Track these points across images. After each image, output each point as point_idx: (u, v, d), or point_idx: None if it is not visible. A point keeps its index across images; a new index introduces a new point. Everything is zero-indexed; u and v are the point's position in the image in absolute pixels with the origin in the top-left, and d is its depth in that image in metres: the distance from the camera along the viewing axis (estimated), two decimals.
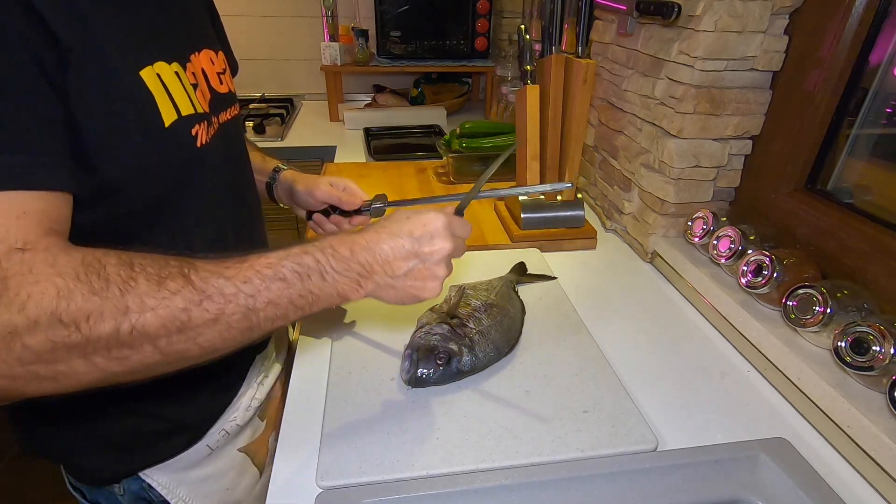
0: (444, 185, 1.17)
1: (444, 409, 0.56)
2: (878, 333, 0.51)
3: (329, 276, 0.42)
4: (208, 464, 0.61)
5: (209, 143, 0.52)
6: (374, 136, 1.59)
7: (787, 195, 0.76)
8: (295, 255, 0.41)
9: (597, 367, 0.62)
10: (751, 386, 0.63)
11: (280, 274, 0.40)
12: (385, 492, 0.46)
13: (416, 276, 0.45)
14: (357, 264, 0.43)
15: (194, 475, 0.60)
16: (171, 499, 0.58)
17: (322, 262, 0.42)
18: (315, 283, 0.41)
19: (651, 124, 0.84)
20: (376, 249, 0.44)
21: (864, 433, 0.50)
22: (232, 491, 0.65)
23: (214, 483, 0.63)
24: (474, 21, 1.77)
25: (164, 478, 0.58)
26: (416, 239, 0.45)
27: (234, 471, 0.65)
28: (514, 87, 1.56)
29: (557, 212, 0.93)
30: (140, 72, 0.42)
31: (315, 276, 0.41)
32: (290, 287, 0.40)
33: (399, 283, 0.45)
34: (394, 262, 0.44)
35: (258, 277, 0.39)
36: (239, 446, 0.65)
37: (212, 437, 0.60)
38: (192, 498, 0.60)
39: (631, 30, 0.86)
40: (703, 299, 0.75)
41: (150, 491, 0.57)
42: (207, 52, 0.56)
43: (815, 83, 0.70)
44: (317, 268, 0.41)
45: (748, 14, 0.69)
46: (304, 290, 0.41)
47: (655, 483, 0.50)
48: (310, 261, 0.41)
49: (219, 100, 0.56)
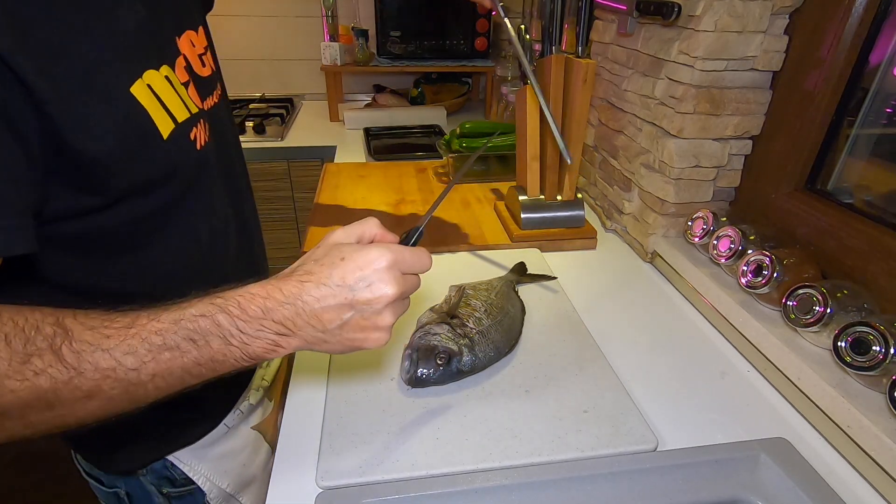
0: (444, 185, 1.17)
1: (444, 409, 0.56)
2: (878, 333, 0.51)
3: (235, 340, 0.36)
4: (225, 442, 0.64)
5: (209, 140, 0.52)
6: (374, 136, 1.59)
7: (787, 195, 0.76)
8: (190, 319, 0.35)
9: (597, 367, 0.62)
10: (751, 386, 0.63)
11: (171, 342, 0.35)
12: (385, 492, 0.46)
13: (354, 329, 0.39)
14: (274, 323, 0.37)
15: (214, 453, 0.63)
16: (193, 476, 0.60)
17: (224, 326, 0.36)
18: (217, 348, 0.36)
19: (651, 124, 0.84)
20: (299, 304, 0.37)
21: (864, 433, 0.50)
22: (248, 467, 0.68)
23: (232, 460, 0.65)
24: (474, 21, 1.77)
25: (186, 456, 0.60)
26: (348, 287, 0.38)
27: (249, 448, 0.68)
28: (514, 87, 1.56)
29: (557, 212, 0.93)
30: (131, 88, 0.41)
31: (216, 342, 0.36)
32: (185, 356, 0.35)
33: (333, 338, 0.39)
34: (322, 315, 0.38)
35: (144, 347, 0.34)
36: (252, 425, 0.69)
37: (229, 417, 0.63)
38: (212, 474, 0.62)
39: (631, 30, 0.86)
40: (703, 299, 0.75)
41: (173, 469, 0.59)
42: (188, 35, 0.53)
43: (815, 83, 0.70)
44: (217, 332, 0.36)
45: (748, 14, 0.69)
46: (201, 357, 0.36)
47: (655, 483, 0.50)
48: (208, 325, 0.36)
49: (203, 86, 0.54)
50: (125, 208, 0.44)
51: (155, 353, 0.35)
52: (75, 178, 0.39)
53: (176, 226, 0.50)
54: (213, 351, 0.36)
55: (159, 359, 0.35)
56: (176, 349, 0.35)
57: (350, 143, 1.58)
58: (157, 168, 0.45)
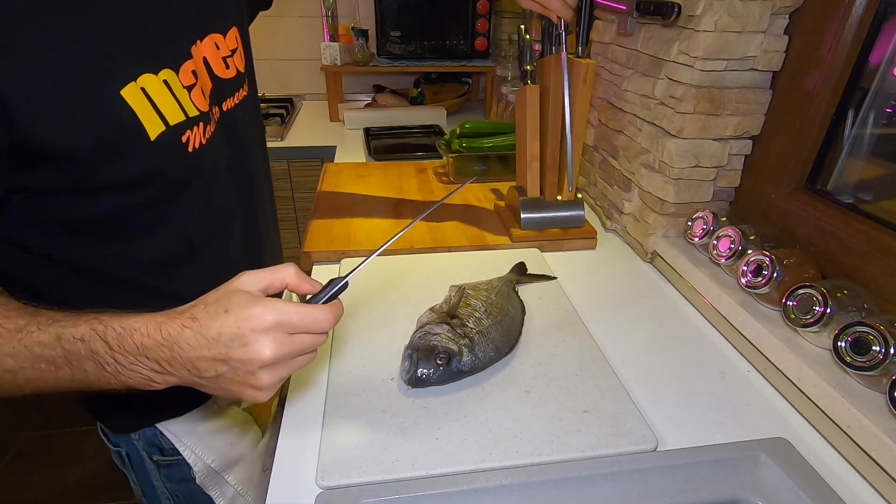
0: (444, 185, 1.17)
1: (444, 409, 0.56)
2: (878, 333, 0.51)
3: (110, 368, 0.37)
4: (215, 419, 0.66)
5: (209, 143, 0.53)
6: (374, 136, 1.59)
7: (787, 195, 0.76)
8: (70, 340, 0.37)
9: (597, 367, 0.62)
10: (751, 386, 0.63)
11: (48, 356, 0.36)
12: (385, 492, 0.46)
13: (230, 382, 0.38)
14: (148, 360, 0.37)
15: (202, 428, 0.65)
16: (180, 448, 0.63)
17: (100, 353, 0.37)
18: (91, 372, 0.37)
19: (651, 124, 0.84)
20: (175, 349, 0.37)
21: (864, 433, 0.50)
22: (235, 446, 0.69)
23: (220, 437, 0.67)
24: (474, 21, 1.77)
25: (175, 428, 0.62)
26: (223, 343, 0.37)
27: (237, 428, 0.69)
28: (514, 87, 1.56)
29: (557, 212, 0.93)
30: (122, 91, 0.43)
31: (90, 366, 0.37)
32: (58, 371, 0.37)
33: (211, 384, 0.39)
34: (198, 363, 0.37)
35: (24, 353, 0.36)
36: (243, 406, 0.71)
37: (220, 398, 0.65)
38: (198, 448, 0.65)
39: (631, 30, 0.86)
40: (703, 299, 0.75)
41: (162, 438, 0.63)
42: (213, 38, 0.55)
43: (815, 83, 0.70)
44: (92, 358, 0.37)
45: (748, 14, 0.69)
46: (74, 376, 0.37)
47: (655, 483, 0.50)
48: (83, 350, 0.37)
49: (223, 87, 0.56)
50: (108, 200, 0.46)
51: (33, 362, 0.36)
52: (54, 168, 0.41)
53: (162, 224, 0.52)
54: (86, 374, 0.37)
55: (36, 367, 0.36)
56: (52, 364, 0.36)
57: (350, 143, 1.58)
58: (141, 167, 0.46)
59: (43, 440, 1.72)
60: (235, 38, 0.59)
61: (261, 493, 0.75)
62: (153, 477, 0.66)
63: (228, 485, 0.70)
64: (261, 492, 0.75)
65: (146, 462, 0.65)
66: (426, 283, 0.78)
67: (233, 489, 0.70)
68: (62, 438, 1.73)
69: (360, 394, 0.58)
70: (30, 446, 1.70)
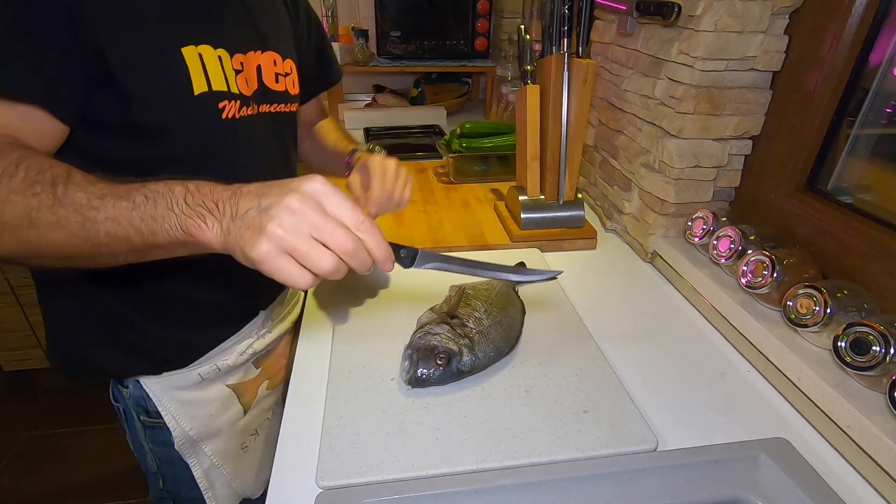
0: (444, 185, 1.17)
1: (444, 409, 0.56)
2: (878, 333, 0.51)
3: (177, 208, 0.40)
4: (197, 390, 0.70)
5: (241, 120, 0.60)
6: (374, 136, 1.59)
7: (787, 195, 0.76)
8: (154, 182, 0.41)
9: (597, 367, 0.62)
10: (751, 386, 0.63)
11: (131, 196, 0.40)
12: (385, 492, 0.46)
13: (248, 224, 0.39)
14: (211, 202, 0.40)
15: (183, 396, 0.68)
16: (161, 411, 0.67)
17: (175, 193, 0.40)
18: (160, 211, 0.40)
19: (651, 124, 0.84)
20: (237, 191, 0.40)
21: (864, 433, 0.50)
22: (214, 419, 0.72)
23: (200, 408, 0.70)
24: (474, 21, 1.77)
25: (158, 390, 0.67)
26: (269, 186, 0.40)
27: (218, 402, 0.72)
28: (514, 87, 1.56)
29: (557, 212, 0.93)
30: (182, 48, 0.52)
31: (162, 204, 0.40)
32: (136, 209, 0.40)
33: (234, 227, 0.40)
34: (240, 201, 0.40)
35: (112, 196, 0.41)
36: (228, 382, 0.73)
37: (203, 368, 0.68)
38: (178, 414, 0.68)
39: (631, 30, 0.86)
40: (703, 299, 0.75)
41: (147, 400, 0.67)
42: (272, 55, 0.65)
43: (815, 83, 0.70)
44: (167, 196, 0.40)
45: (748, 14, 0.69)
46: (146, 214, 0.40)
47: (655, 483, 0.50)
48: (163, 189, 0.41)
49: (266, 93, 0.65)
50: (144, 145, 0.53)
51: (115, 200, 0.40)
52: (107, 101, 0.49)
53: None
54: (156, 211, 0.40)
55: (118, 205, 0.40)
56: (131, 201, 0.40)
57: None
58: (178, 117, 0.54)
59: (43, 440, 1.72)
60: (291, 67, 0.70)
61: (238, 470, 0.77)
62: (141, 437, 0.71)
63: (205, 455, 0.72)
64: (238, 468, 0.77)
65: (135, 421, 0.70)
66: (426, 283, 0.78)
67: (209, 460, 0.73)
68: (62, 438, 1.73)
69: (360, 394, 0.58)
70: (30, 446, 1.70)
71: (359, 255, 0.40)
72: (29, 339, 1.80)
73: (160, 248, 0.42)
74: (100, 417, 1.75)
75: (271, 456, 0.82)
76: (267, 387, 0.79)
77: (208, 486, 0.74)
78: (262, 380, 0.78)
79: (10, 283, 1.70)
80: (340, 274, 0.40)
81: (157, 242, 0.41)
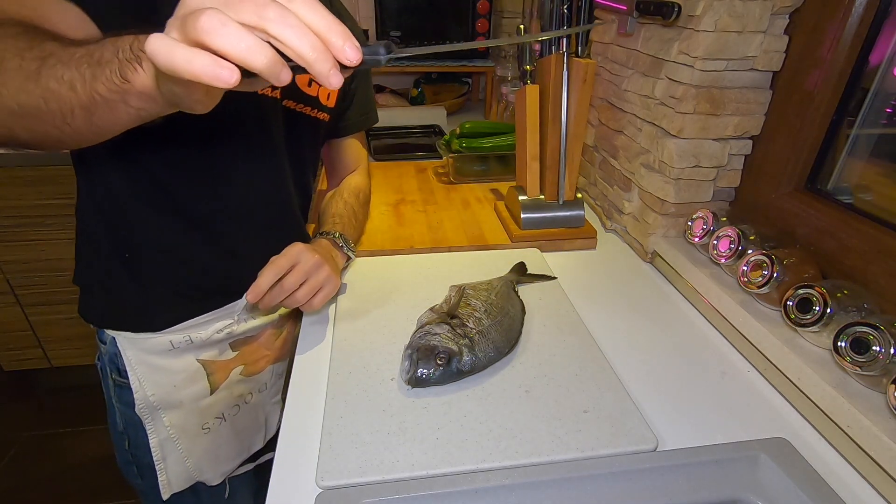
0: (444, 185, 1.17)
1: (444, 409, 0.56)
2: (878, 333, 0.51)
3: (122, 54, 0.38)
4: (167, 357, 0.71)
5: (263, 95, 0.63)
6: (374, 136, 1.59)
7: (787, 195, 0.76)
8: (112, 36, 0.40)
9: (597, 367, 0.62)
10: (751, 386, 0.63)
11: (87, 44, 0.40)
12: (385, 492, 0.46)
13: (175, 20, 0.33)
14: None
15: (152, 360, 0.70)
16: (128, 370, 0.70)
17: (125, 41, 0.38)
18: (106, 56, 0.39)
19: (651, 124, 0.84)
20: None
21: (864, 433, 0.50)
22: (177, 389, 0.73)
23: (165, 376, 0.71)
24: (474, 21, 1.77)
25: (129, 351, 0.69)
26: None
27: (185, 374, 0.73)
28: (513, 87, 1.55)
29: (557, 212, 0.93)
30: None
31: (109, 50, 0.39)
32: (86, 55, 0.40)
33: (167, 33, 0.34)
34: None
35: (73, 45, 0.41)
36: (199, 357, 0.74)
37: (175, 336, 0.70)
38: (143, 377, 0.70)
39: (631, 30, 0.86)
40: (703, 299, 0.75)
41: (119, 359, 0.70)
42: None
43: (815, 83, 0.70)
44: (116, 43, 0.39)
45: (748, 14, 0.69)
46: (93, 58, 0.39)
47: (655, 483, 0.50)
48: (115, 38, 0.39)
49: (295, 92, 0.69)
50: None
51: (74, 48, 0.41)
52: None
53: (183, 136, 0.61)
54: (102, 55, 0.39)
55: (71, 51, 0.40)
56: (85, 48, 0.40)
57: None
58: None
59: (43, 440, 1.72)
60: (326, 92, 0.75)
61: (192, 449, 0.76)
62: (112, 395, 0.74)
63: (163, 424, 0.73)
64: (193, 447, 0.76)
65: (108, 379, 0.73)
66: (426, 283, 0.78)
67: (166, 430, 0.73)
68: (62, 438, 1.73)
69: (360, 394, 0.58)
70: (30, 446, 1.70)
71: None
72: (29, 339, 1.80)
73: (103, 101, 0.40)
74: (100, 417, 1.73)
75: (238, 447, 0.83)
76: (241, 372, 0.79)
77: (161, 457, 0.74)
78: (237, 364, 0.78)
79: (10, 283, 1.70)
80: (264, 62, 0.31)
81: (98, 91, 0.39)
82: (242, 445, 0.84)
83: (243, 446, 0.84)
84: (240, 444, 0.83)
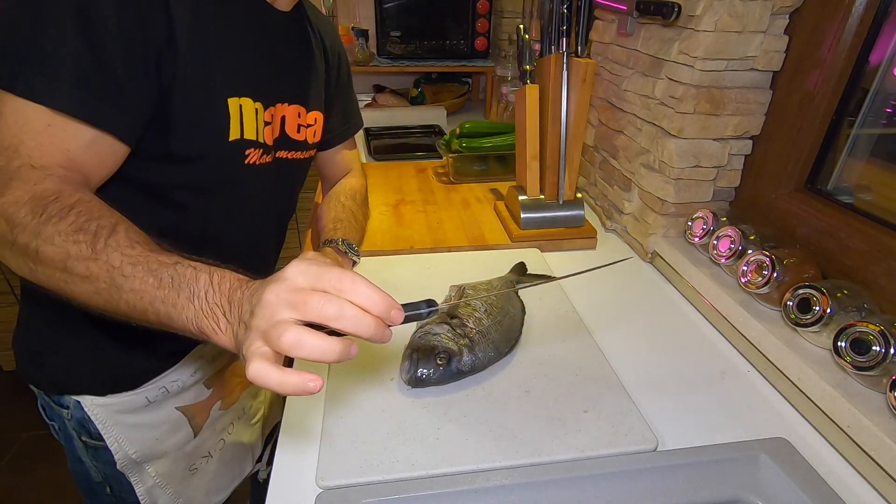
0: (443, 185, 1.17)
1: (444, 409, 0.56)
2: (878, 333, 0.51)
3: (197, 302, 0.39)
4: (144, 413, 0.69)
5: (259, 166, 0.65)
6: (374, 136, 1.59)
7: (787, 195, 0.76)
8: (184, 265, 0.40)
9: (597, 367, 0.62)
10: (751, 386, 0.63)
11: (160, 274, 0.40)
12: (385, 492, 0.46)
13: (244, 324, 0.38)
14: (227, 301, 0.39)
15: (129, 420, 0.68)
16: (103, 433, 0.66)
17: (200, 285, 0.39)
18: (181, 300, 0.39)
19: (651, 124, 0.84)
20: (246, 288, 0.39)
21: (864, 433, 0.50)
22: (160, 442, 0.71)
23: (146, 431, 0.69)
24: (474, 21, 1.77)
25: (102, 414, 0.66)
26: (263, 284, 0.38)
27: (167, 425, 0.71)
28: (513, 86, 1.55)
29: (557, 211, 0.93)
30: (228, 98, 0.57)
31: (184, 294, 0.39)
32: (160, 289, 0.40)
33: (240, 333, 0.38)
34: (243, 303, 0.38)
35: (144, 266, 0.41)
36: (177, 405, 0.72)
37: (150, 392, 0.68)
38: (122, 438, 0.67)
39: (631, 30, 0.86)
40: (703, 299, 0.75)
41: (90, 423, 0.66)
42: (297, 108, 0.70)
43: (815, 83, 0.70)
44: (191, 285, 0.39)
45: (748, 14, 0.69)
46: (168, 298, 0.39)
47: (655, 483, 0.50)
48: (190, 276, 0.40)
49: (286, 141, 0.70)
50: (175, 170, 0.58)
51: (145, 274, 0.40)
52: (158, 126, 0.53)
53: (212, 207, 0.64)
54: (178, 299, 0.39)
55: (146, 280, 0.40)
56: (158, 280, 0.40)
57: None
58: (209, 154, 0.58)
59: (43, 440, 1.72)
60: (316, 119, 0.75)
61: (183, 491, 0.76)
62: (82, 455, 0.70)
63: (148, 475, 0.72)
64: (183, 489, 0.76)
65: (75, 440, 0.69)
66: (426, 283, 0.78)
67: (152, 479, 0.72)
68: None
69: (360, 394, 0.58)
70: (30, 446, 1.70)
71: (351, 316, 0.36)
72: None
73: (175, 331, 0.41)
74: None
75: (228, 477, 0.83)
76: (220, 407, 0.78)
77: (150, 502, 0.73)
78: (215, 400, 0.77)
79: (9, 283, 1.70)
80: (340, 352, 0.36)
81: (173, 327, 0.40)
82: (233, 474, 0.84)
83: (234, 475, 0.84)
84: (230, 473, 0.83)
